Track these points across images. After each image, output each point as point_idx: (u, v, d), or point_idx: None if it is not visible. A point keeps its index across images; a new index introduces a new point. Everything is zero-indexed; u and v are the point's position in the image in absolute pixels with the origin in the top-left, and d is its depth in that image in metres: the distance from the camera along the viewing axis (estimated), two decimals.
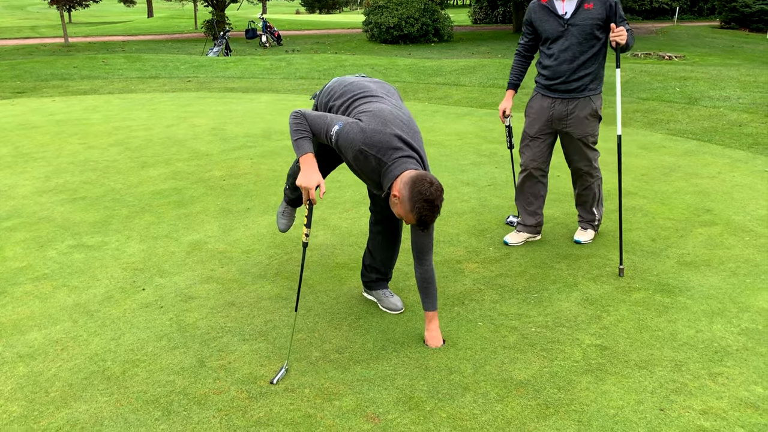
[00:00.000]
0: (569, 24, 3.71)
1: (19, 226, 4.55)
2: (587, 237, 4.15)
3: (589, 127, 3.87)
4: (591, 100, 3.82)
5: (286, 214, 3.74)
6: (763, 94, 9.28)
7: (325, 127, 2.79)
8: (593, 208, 4.15)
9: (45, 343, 3.06)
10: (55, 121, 8.16)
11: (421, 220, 2.60)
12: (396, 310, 3.33)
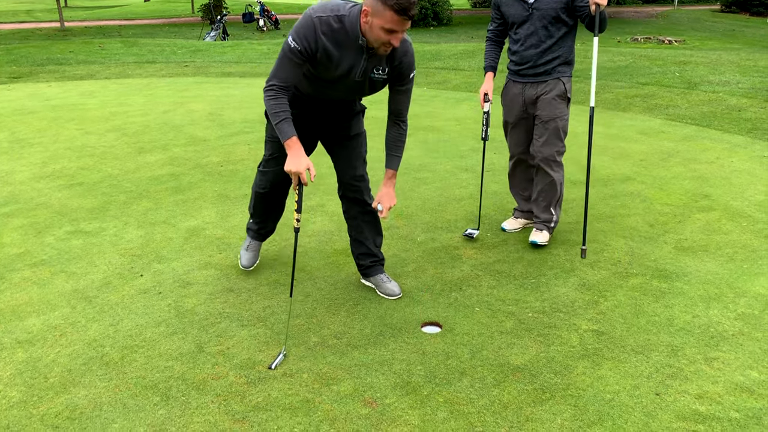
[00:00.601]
0: (533, 8, 3.63)
1: (16, 212, 4.55)
2: (543, 238, 3.88)
3: (557, 109, 3.74)
4: (561, 81, 3.73)
5: (251, 248, 3.62)
6: (762, 78, 9.24)
7: (282, 54, 2.72)
8: (551, 207, 3.89)
9: (43, 329, 3.07)
10: (52, 107, 8.13)
11: (401, 10, 2.50)
12: (394, 296, 3.34)
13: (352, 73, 2.81)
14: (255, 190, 3.45)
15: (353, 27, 2.68)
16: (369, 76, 2.85)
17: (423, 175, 5.30)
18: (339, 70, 2.80)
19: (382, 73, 2.87)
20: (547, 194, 3.87)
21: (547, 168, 3.83)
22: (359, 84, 2.88)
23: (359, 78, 2.84)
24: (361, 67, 2.79)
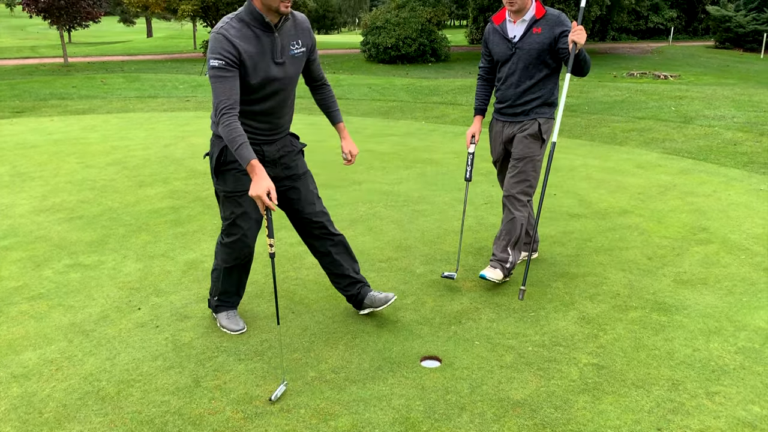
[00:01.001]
0: (516, 47, 3.60)
1: (15, 245, 4.55)
2: (494, 275, 3.71)
3: (528, 149, 3.66)
4: (537, 121, 3.68)
5: (231, 317, 3.38)
6: (757, 113, 9.35)
7: (212, 79, 2.78)
8: (509, 247, 3.76)
9: (39, 363, 3.05)
10: (53, 141, 8.19)
11: None
12: (391, 299, 3.35)
13: (275, 56, 2.87)
14: (222, 267, 3.26)
15: (251, 13, 2.79)
16: (289, 54, 2.92)
17: (421, 207, 5.32)
18: (264, 61, 2.84)
19: (299, 46, 2.96)
20: (508, 233, 3.75)
21: (510, 206, 3.75)
22: (286, 67, 2.92)
23: (281, 59, 2.89)
24: (278, 46, 2.87)
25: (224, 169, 3.01)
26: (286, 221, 5.01)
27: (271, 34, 2.84)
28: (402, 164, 6.80)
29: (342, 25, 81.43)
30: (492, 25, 3.74)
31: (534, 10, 3.57)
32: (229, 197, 3.06)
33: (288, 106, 3.09)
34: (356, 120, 9.96)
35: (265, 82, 2.89)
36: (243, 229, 3.13)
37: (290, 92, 3.06)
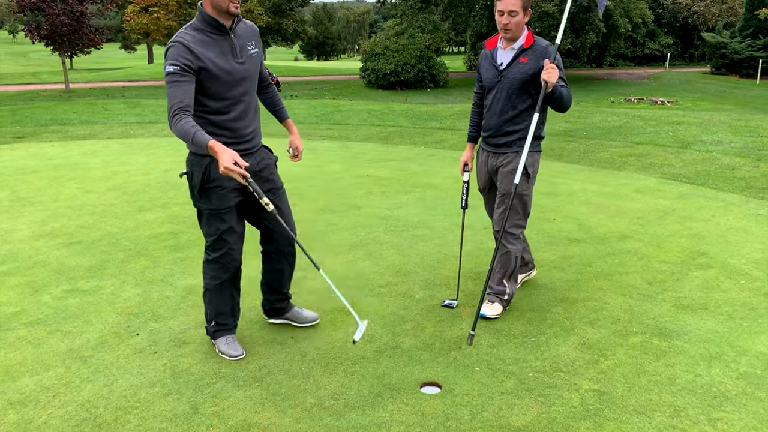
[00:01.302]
0: (502, 75, 3.54)
1: (13, 270, 4.54)
2: (494, 312, 3.71)
3: (512, 184, 3.59)
4: (519, 156, 3.58)
5: (230, 342, 3.36)
6: (754, 138, 9.41)
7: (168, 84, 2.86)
8: (504, 279, 3.76)
9: (36, 389, 3.03)
10: (54, 166, 8.22)
11: None
12: (315, 320, 3.59)
13: (235, 56, 2.99)
14: (213, 285, 3.28)
15: (205, 20, 2.93)
16: (248, 53, 3.07)
17: (421, 232, 5.32)
18: (226, 62, 2.96)
19: (254, 47, 3.11)
20: (503, 266, 3.74)
21: (503, 240, 3.70)
22: (246, 66, 3.05)
23: (242, 59, 3.02)
24: (236, 47, 3.00)
25: (208, 187, 3.08)
26: None
27: (227, 36, 2.98)
28: (401, 189, 6.82)
29: (341, 52, 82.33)
30: (484, 50, 3.70)
31: (524, 39, 3.50)
32: (214, 214, 3.13)
33: (254, 110, 3.20)
34: (355, 145, 10.01)
35: (232, 82, 3.00)
36: (229, 243, 3.19)
37: (254, 93, 3.19)
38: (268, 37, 33.13)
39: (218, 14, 2.92)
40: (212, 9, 2.91)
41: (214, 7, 2.90)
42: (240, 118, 3.08)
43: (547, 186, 6.91)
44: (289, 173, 7.68)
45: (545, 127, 3.71)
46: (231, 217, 3.14)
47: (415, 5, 29.81)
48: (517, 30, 3.47)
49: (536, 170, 3.68)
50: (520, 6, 3.38)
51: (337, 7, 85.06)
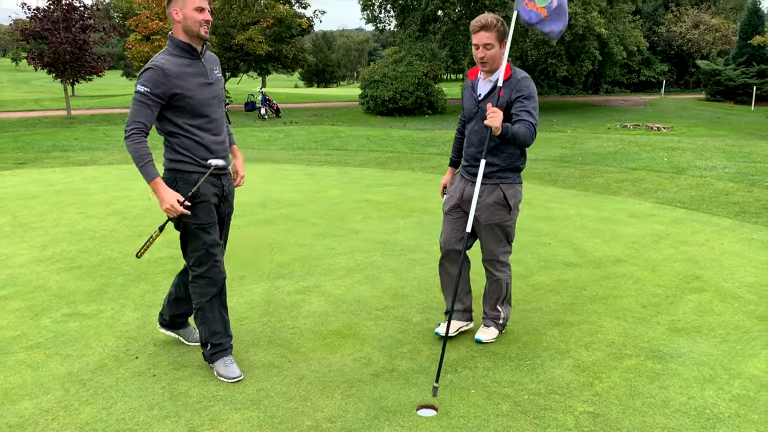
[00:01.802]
0: (479, 106, 3.53)
1: (14, 294, 4.58)
2: (489, 336, 3.75)
3: (496, 215, 3.57)
4: (499, 187, 3.55)
5: (228, 364, 3.40)
6: (747, 164, 9.52)
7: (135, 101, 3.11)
8: (498, 305, 3.78)
9: (35, 412, 3.05)
10: (55, 192, 8.29)
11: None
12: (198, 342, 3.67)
13: (207, 76, 3.23)
14: (203, 304, 3.36)
15: (178, 46, 3.16)
16: (215, 76, 3.31)
17: (418, 256, 5.37)
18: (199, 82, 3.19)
19: (218, 72, 3.36)
20: (495, 292, 3.76)
21: (491, 269, 3.73)
22: (215, 87, 3.29)
23: (211, 79, 3.26)
24: (207, 69, 3.25)
25: (196, 202, 3.23)
26: (285, 269, 5.07)
27: (198, 60, 3.22)
28: (399, 213, 6.89)
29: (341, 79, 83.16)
30: (467, 79, 3.72)
31: (503, 71, 3.46)
32: (200, 228, 3.27)
33: (225, 131, 3.40)
34: (354, 170, 10.10)
35: (206, 101, 3.22)
36: (215, 256, 3.33)
37: (221, 110, 3.39)
38: (269, 65, 33.48)
39: (190, 39, 3.17)
40: (184, 35, 3.16)
41: (186, 32, 3.15)
42: (217, 134, 3.30)
43: (542, 211, 6.98)
44: (288, 198, 7.77)
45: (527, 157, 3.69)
46: (215, 230, 3.32)
47: (413, 34, 30.25)
48: (494, 62, 3.46)
49: (518, 201, 3.63)
50: (494, 39, 3.39)
51: (337, 36, 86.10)
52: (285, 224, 6.47)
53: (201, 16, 3.12)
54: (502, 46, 3.45)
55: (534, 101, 3.40)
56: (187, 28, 3.14)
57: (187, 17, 3.11)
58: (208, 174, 3.23)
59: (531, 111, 3.36)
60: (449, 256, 3.79)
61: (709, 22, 41.37)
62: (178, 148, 3.22)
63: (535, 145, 12.34)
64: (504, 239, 3.67)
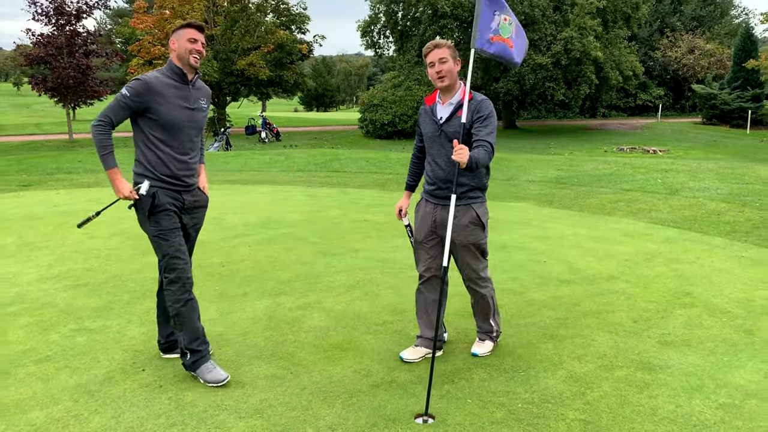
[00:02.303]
0: (442, 130, 3.62)
1: (22, 311, 4.70)
2: (485, 349, 3.88)
3: (472, 235, 3.67)
4: (471, 207, 3.65)
5: (212, 369, 3.57)
6: (740, 185, 9.69)
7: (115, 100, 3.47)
8: (490, 319, 3.91)
9: (47, 421, 3.16)
10: (59, 213, 8.44)
11: (192, 24, 3.53)
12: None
13: (189, 101, 3.57)
14: (179, 309, 3.55)
15: (172, 69, 3.54)
16: (199, 105, 3.65)
17: (415, 273, 5.49)
18: (178, 103, 3.52)
19: (204, 103, 3.71)
20: (483, 309, 3.88)
21: (475, 286, 3.83)
22: (195, 113, 3.62)
23: (193, 106, 3.60)
24: (192, 96, 3.59)
25: (157, 210, 3.53)
26: (287, 286, 5.20)
27: (186, 86, 3.57)
28: (397, 233, 7.03)
29: (340, 103, 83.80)
30: (423, 105, 3.79)
31: (461, 94, 3.60)
32: (163, 235, 3.54)
33: (196, 154, 3.71)
34: (353, 191, 10.27)
35: (183, 122, 3.55)
36: (182, 261, 3.58)
37: (198, 136, 3.71)
38: (269, 89, 33.91)
39: (182, 65, 3.53)
40: (178, 60, 3.53)
41: (179, 59, 3.52)
42: (183, 154, 3.61)
43: (538, 230, 7.13)
44: (289, 218, 7.92)
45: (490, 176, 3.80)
46: (177, 234, 3.58)
47: (412, 59, 30.71)
48: (451, 77, 3.56)
49: (488, 218, 3.74)
50: (448, 54, 3.53)
51: (336, 60, 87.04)
52: (286, 243, 6.61)
53: (192, 45, 3.51)
54: (456, 63, 3.58)
55: (493, 123, 3.53)
56: (180, 56, 3.51)
57: (180, 46, 3.51)
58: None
59: (490, 132, 3.49)
60: (430, 283, 3.87)
61: (704, 47, 42.01)
62: (142, 160, 3.59)
63: (532, 167, 12.54)
64: (481, 256, 3.78)
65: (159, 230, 3.53)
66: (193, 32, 3.53)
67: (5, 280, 5.43)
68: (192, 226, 3.77)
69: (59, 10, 23.40)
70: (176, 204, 3.60)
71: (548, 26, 29.37)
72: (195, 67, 3.58)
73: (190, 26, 3.56)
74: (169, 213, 3.56)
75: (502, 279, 5.32)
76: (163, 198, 3.54)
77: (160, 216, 3.53)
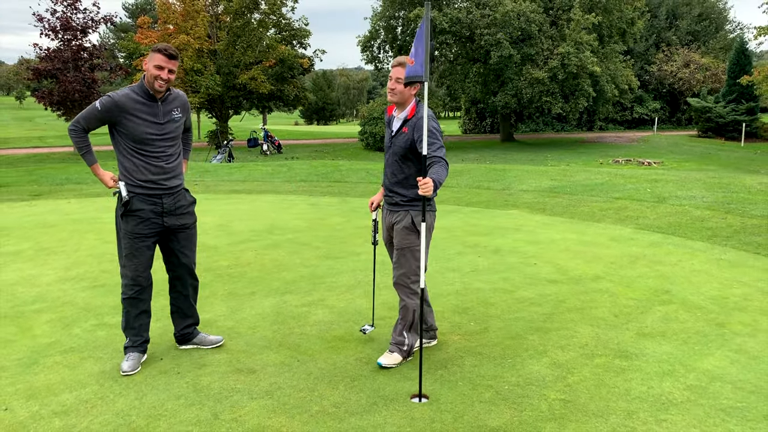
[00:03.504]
0: (392, 142, 3.88)
1: (45, 309, 5.03)
2: (391, 361, 3.91)
3: (406, 240, 3.87)
4: (410, 214, 3.87)
5: (131, 358, 3.96)
6: (725, 193, 10.06)
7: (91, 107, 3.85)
8: (404, 331, 3.96)
9: (76, 402, 3.49)
10: (72, 220, 8.78)
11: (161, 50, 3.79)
12: (220, 341, 4.27)
13: (158, 117, 3.88)
14: (124, 299, 3.99)
15: (142, 87, 3.87)
16: (170, 117, 3.94)
17: None
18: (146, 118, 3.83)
19: (178, 113, 4.00)
20: (403, 318, 3.96)
21: (400, 293, 3.97)
22: (167, 126, 3.92)
23: (163, 120, 3.90)
24: (160, 110, 3.88)
25: (128, 214, 3.89)
26: (292, 286, 5.54)
27: (155, 103, 3.88)
28: None
29: (341, 116, 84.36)
30: (386, 114, 4.06)
31: (409, 111, 3.81)
32: (127, 235, 3.92)
33: (174, 157, 4.01)
34: (354, 200, 10.62)
35: (147, 135, 3.86)
36: (135, 262, 3.94)
37: (173, 144, 4.01)
38: (271, 103, 34.39)
39: (150, 87, 3.84)
40: (147, 82, 3.84)
41: (148, 81, 3.84)
42: (158, 159, 3.91)
43: (530, 235, 7.48)
44: (293, 225, 8.26)
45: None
46: (141, 241, 3.91)
47: None
48: (401, 96, 3.80)
49: (430, 226, 3.90)
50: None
51: (337, 74, 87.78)
52: (291, 247, 6.95)
53: (158, 72, 3.78)
54: (414, 86, 3.79)
55: (438, 137, 3.69)
56: (147, 80, 3.83)
57: (148, 71, 3.80)
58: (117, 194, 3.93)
59: (439, 148, 3.66)
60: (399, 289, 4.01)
61: (699, 61, 42.56)
62: (120, 166, 3.92)
63: (527, 177, 12.90)
64: (414, 265, 3.89)
65: (125, 231, 3.91)
66: (161, 59, 3.78)
67: (26, 282, 5.77)
68: (179, 226, 4.04)
69: (66, 25, 23.90)
70: (155, 210, 3.91)
71: (545, 41, 29.90)
72: (159, 91, 3.84)
73: (160, 52, 3.80)
74: (140, 218, 3.88)
75: (494, 279, 5.66)
76: (137, 204, 3.87)
77: (129, 219, 3.88)
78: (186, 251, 4.14)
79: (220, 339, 4.29)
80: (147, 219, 3.90)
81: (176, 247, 4.09)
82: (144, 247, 3.93)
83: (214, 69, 28.85)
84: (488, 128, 44.82)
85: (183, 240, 4.11)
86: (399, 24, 33.25)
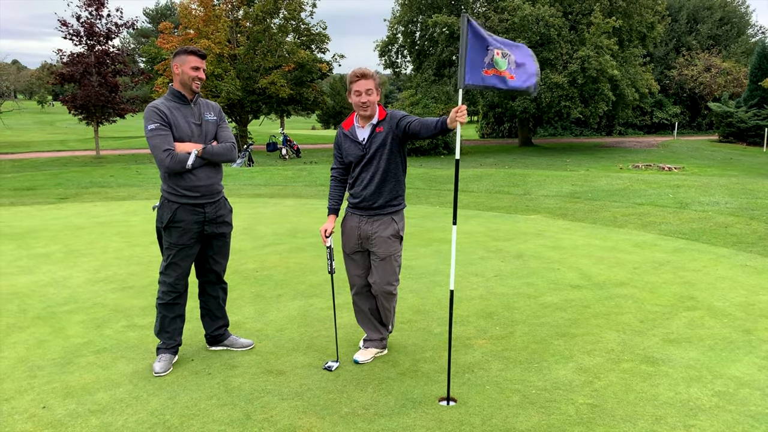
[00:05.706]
0: (366, 149, 3.90)
1: (77, 309, 5.14)
2: (366, 356, 4.11)
3: (392, 247, 3.97)
4: (393, 220, 3.97)
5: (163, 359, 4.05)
6: (749, 199, 9.98)
7: (151, 138, 3.85)
8: (380, 327, 4.19)
9: (111, 401, 3.58)
10: (98, 223, 8.94)
11: (195, 52, 3.88)
12: (250, 345, 4.34)
13: (195, 117, 3.97)
14: (160, 303, 4.07)
15: (173, 93, 3.94)
16: (204, 119, 4.01)
17: (438, 278, 5.89)
18: (185, 121, 3.91)
19: (212, 116, 4.08)
20: (386, 318, 4.18)
21: (383, 299, 4.07)
22: (205, 126, 4.01)
23: (198, 121, 3.98)
24: (195, 113, 3.97)
25: (171, 226, 3.95)
26: (317, 289, 5.61)
27: (188, 105, 3.96)
28: (419, 243, 7.42)
29: None
30: (342, 130, 4.03)
31: (378, 115, 3.90)
32: (170, 247, 4.00)
33: (214, 167, 4.06)
34: None
35: (192, 137, 3.92)
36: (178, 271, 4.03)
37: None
38: (290, 107, 34.59)
39: (182, 88, 3.92)
40: (180, 85, 3.92)
41: (182, 83, 3.91)
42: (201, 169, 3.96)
43: (553, 241, 7.49)
44: (315, 229, 8.34)
45: None
46: (184, 252, 4.00)
47: (429, 78, 31.26)
48: (373, 108, 3.88)
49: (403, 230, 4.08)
50: (374, 86, 3.81)
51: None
52: (314, 251, 7.03)
53: (195, 73, 3.88)
54: (378, 93, 3.88)
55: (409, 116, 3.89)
56: (183, 82, 3.90)
57: (184, 72, 3.88)
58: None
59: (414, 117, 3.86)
60: (362, 294, 4.16)
61: (720, 65, 42.13)
62: (163, 177, 3.95)
63: (547, 182, 12.88)
64: (396, 269, 4.03)
65: (168, 242, 3.99)
66: (196, 60, 3.87)
67: (57, 283, 5.89)
68: (218, 234, 4.13)
69: (90, 30, 24.26)
70: (198, 220, 3.97)
71: (564, 45, 29.79)
72: (195, 92, 3.94)
73: (194, 54, 3.88)
74: (180, 230, 3.95)
75: (518, 284, 5.69)
76: (181, 215, 3.92)
77: (173, 231, 3.95)
78: (219, 258, 4.22)
79: (250, 342, 4.36)
80: (189, 230, 3.97)
81: (210, 254, 4.17)
82: (187, 257, 4.03)
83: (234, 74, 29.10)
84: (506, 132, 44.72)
85: (217, 247, 4.19)
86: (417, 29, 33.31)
